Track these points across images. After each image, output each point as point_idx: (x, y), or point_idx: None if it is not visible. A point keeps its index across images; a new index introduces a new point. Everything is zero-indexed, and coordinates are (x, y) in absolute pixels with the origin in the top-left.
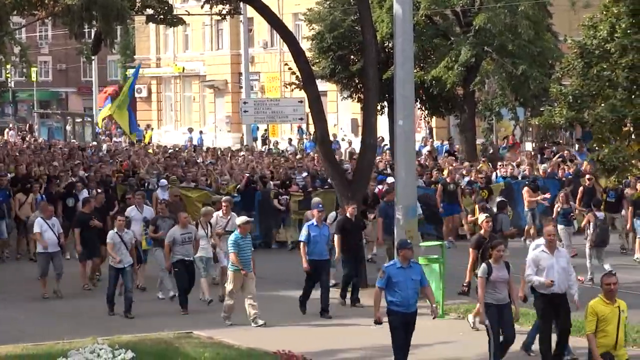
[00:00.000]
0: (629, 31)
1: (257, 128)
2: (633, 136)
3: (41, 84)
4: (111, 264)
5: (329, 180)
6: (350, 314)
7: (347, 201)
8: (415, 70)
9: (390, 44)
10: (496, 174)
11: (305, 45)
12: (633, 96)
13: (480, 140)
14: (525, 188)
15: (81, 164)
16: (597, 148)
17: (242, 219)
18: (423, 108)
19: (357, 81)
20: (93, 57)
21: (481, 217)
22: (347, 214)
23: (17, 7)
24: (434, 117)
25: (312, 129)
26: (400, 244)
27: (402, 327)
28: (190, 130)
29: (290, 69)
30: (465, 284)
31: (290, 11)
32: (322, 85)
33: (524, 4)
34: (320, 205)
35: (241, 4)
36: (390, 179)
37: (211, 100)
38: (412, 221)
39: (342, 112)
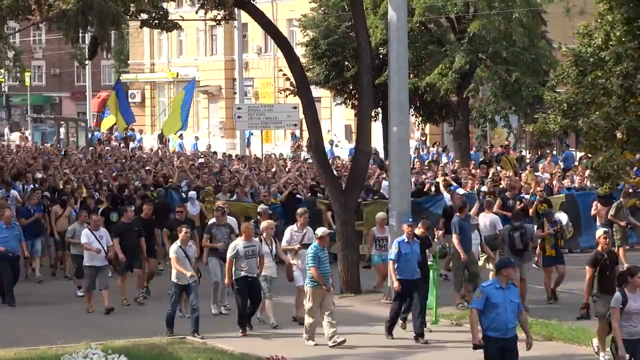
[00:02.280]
0: (623, 39)
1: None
2: (627, 144)
3: (35, 88)
4: (174, 280)
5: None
6: (350, 321)
7: (341, 207)
8: (409, 77)
9: (384, 50)
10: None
11: (299, 51)
12: (627, 104)
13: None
14: (595, 202)
15: (109, 173)
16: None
17: (323, 230)
18: (417, 115)
19: (351, 87)
20: (87, 62)
21: (599, 232)
22: (418, 233)
23: (12, 12)
24: (428, 123)
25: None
26: (503, 263)
27: (499, 355)
28: (181, 137)
29: (284, 74)
30: (583, 306)
31: (285, 17)
32: (316, 91)
33: (519, 12)
34: (410, 219)
35: (236, 9)
36: (460, 190)
37: (205, 105)
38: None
39: (336, 118)
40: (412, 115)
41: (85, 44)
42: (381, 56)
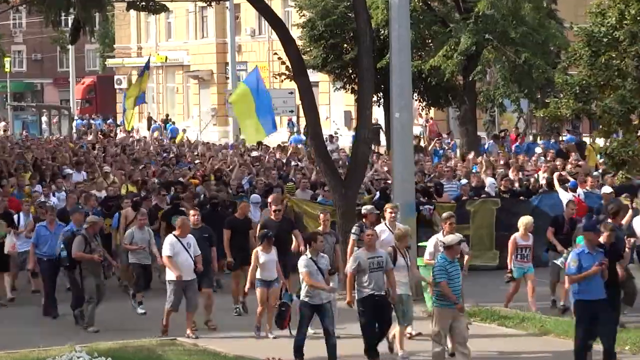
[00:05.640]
0: (638, 18)
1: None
2: None
3: (15, 74)
4: (305, 299)
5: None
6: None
7: (341, 199)
8: (412, 60)
9: (385, 32)
10: None
11: (295, 33)
12: None
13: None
14: None
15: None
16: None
17: (452, 238)
18: (421, 99)
19: (350, 71)
20: (69, 47)
21: None
22: (603, 241)
23: None
24: (433, 108)
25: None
26: None
27: None
28: (166, 121)
29: (279, 58)
30: None
31: None
32: (313, 75)
33: None
34: (597, 226)
35: None
36: (606, 189)
37: (195, 91)
38: (410, 220)
39: (335, 104)
40: (416, 100)
41: (67, 27)
42: (382, 38)
